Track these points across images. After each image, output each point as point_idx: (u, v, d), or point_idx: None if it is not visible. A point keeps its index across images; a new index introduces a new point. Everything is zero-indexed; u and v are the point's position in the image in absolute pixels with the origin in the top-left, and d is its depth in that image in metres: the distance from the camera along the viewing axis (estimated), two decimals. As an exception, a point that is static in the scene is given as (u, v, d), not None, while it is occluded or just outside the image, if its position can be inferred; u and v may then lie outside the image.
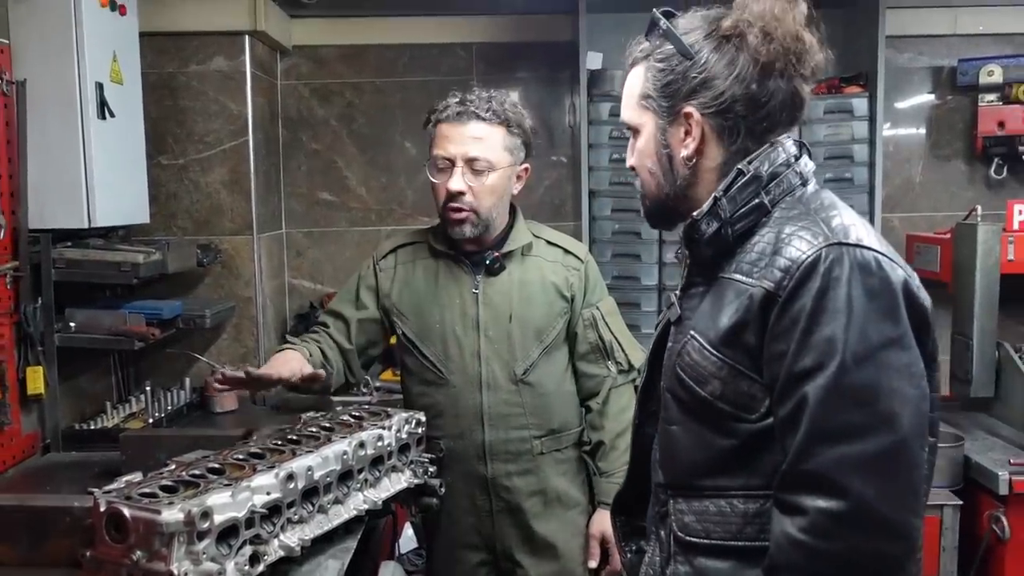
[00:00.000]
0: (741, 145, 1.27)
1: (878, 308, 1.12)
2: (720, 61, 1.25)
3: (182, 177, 3.25)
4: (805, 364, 1.12)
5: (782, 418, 1.16)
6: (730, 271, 1.24)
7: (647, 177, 1.37)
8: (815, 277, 1.13)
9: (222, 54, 3.22)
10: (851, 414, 1.10)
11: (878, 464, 1.09)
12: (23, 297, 2.50)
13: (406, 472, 1.99)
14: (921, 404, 1.13)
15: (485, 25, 3.63)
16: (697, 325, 1.27)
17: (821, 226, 1.18)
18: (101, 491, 1.50)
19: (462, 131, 2.01)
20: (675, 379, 1.30)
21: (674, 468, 1.33)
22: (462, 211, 2.02)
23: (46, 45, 2.52)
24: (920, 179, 3.78)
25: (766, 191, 1.25)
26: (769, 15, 1.23)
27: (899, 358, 1.11)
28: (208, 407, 3.13)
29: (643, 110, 1.34)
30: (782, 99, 1.26)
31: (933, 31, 3.69)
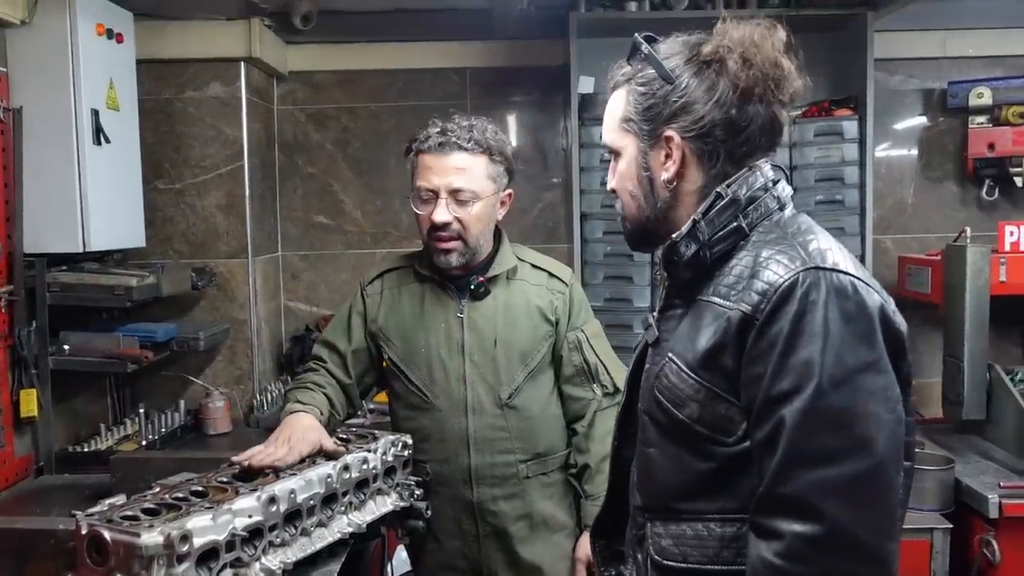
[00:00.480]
0: (721, 169, 1.29)
1: (854, 332, 1.13)
2: (700, 86, 1.27)
3: (178, 201, 3.29)
4: (782, 387, 1.13)
5: (759, 441, 1.16)
6: (708, 294, 1.26)
7: (628, 200, 1.38)
8: (792, 301, 1.14)
9: (218, 80, 3.26)
10: (828, 437, 1.10)
11: (854, 488, 1.10)
12: (18, 320, 2.53)
13: (392, 495, 2.01)
14: (897, 428, 1.13)
15: (478, 50, 3.67)
16: (675, 347, 1.28)
17: (798, 250, 1.19)
18: (83, 514, 1.52)
19: (445, 162, 2.02)
20: (653, 401, 1.30)
21: (651, 491, 1.33)
22: (449, 240, 2.04)
23: (43, 73, 2.57)
24: (912, 200, 3.80)
25: (744, 215, 1.26)
26: (748, 41, 1.26)
27: (875, 382, 1.12)
28: (202, 429, 3.15)
29: (624, 133, 1.35)
30: (761, 124, 1.28)
31: (923, 54, 3.73)
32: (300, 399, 2.06)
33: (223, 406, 3.15)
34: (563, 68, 3.50)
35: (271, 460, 1.78)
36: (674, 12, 3.26)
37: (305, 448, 1.85)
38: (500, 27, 3.48)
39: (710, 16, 3.18)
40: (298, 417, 1.98)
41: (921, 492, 2.64)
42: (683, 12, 3.25)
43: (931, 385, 3.47)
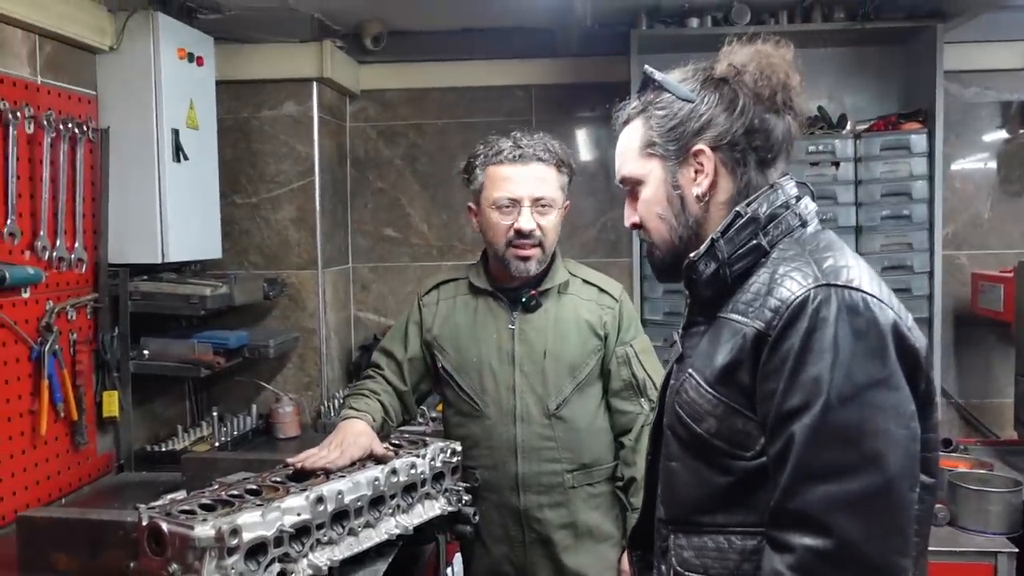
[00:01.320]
0: (750, 177, 1.32)
1: (865, 348, 1.13)
2: (722, 100, 1.31)
3: (254, 215, 3.45)
4: (792, 403, 1.14)
5: (772, 456, 1.18)
6: (727, 310, 1.28)
7: (657, 225, 1.40)
8: (803, 317, 1.15)
9: (292, 99, 3.41)
10: (836, 453, 1.11)
11: (863, 504, 1.10)
12: (102, 326, 2.71)
13: (440, 499, 2.07)
14: (910, 445, 1.13)
15: (543, 67, 3.74)
16: (695, 363, 1.31)
17: (812, 267, 1.20)
18: (145, 507, 1.63)
19: (525, 172, 2.10)
20: (674, 416, 1.33)
21: (674, 504, 1.35)
22: (531, 248, 2.11)
23: (128, 95, 2.75)
24: (989, 215, 3.68)
25: (764, 232, 1.28)
26: (761, 55, 1.30)
27: (886, 398, 1.13)
28: (272, 433, 3.29)
29: (647, 158, 1.38)
30: (782, 131, 1.31)
31: (999, 65, 3.62)
32: (354, 406, 2.15)
33: (292, 411, 3.28)
34: (625, 84, 3.53)
35: (323, 463, 1.87)
36: (736, 28, 3.26)
37: (356, 452, 1.93)
38: (564, 45, 3.54)
39: (773, 30, 3.19)
40: (351, 423, 2.06)
41: (986, 515, 2.56)
42: (745, 28, 3.24)
43: (1005, 405, 3.36)
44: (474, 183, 2.18)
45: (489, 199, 2.12)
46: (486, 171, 2.15)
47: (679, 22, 3.33)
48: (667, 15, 3.34)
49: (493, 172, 2.13)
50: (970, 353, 3.56)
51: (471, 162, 2.19)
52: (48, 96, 2.52)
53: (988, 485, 2.62)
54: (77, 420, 2.57)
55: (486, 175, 2.15)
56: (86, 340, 2.64)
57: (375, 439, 2.01)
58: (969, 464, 2.83)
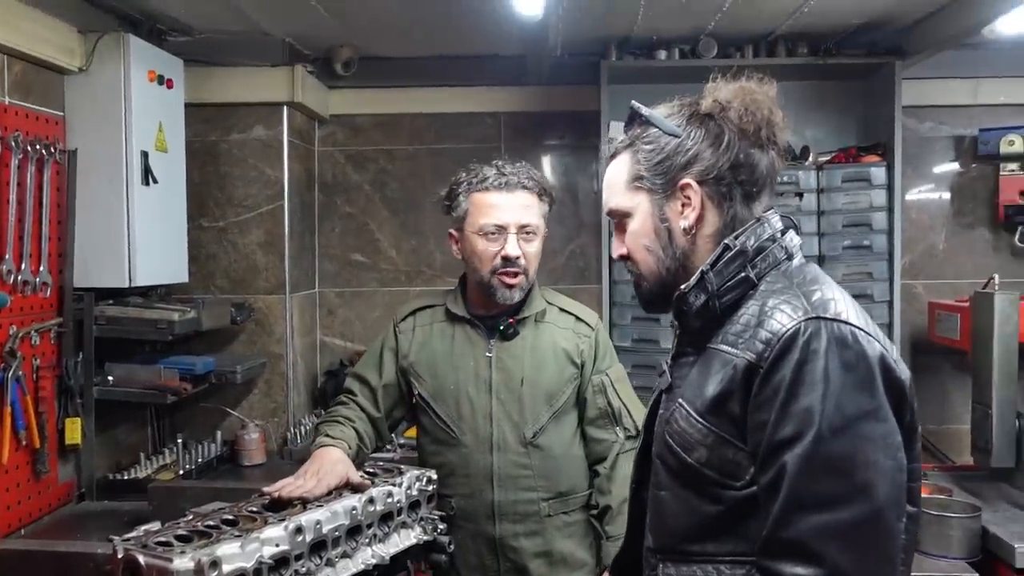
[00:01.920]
0: (735, 211, 1.35)
1: (854, 380, 1.16)
2: (707, 136, 1.34)
3: (221, 239, 3.42)
4: (784, 433, 1.16)
5: (763, 486, 1.20)
6: (717, 341, 1.30)
7: (644, 257, 1.42)
8: (794, 349, 1.18)
9: (262, 123, 3.40)
10: (827, 483, 1.13)
11: (854, 533, 1.12)
12: (65, 352, 2.65)
13: (416, 528, 2.05)
14: (897, 475, 1.16)
15: (513, 96, 3.78)
16: (685, 393, 1.32)
17: (801, 300, 1.23)
18: (120, 539, 1.59)
19: (511, 199, 2.12)
20: (664, 445, 1.34)
21: (662, 533, 1.36)
22: (516, 275, 2.12)
23: (97, 117, 2.72)
24: (944, 246, 3.80)
25: (752, 265, 1.31)
26: (745, 91, 1.33)
27: (875, 429, 1.15)
28: (237, 460, 3.24)
29: (635, 192, 1.40)
30: (766, 165, 1.35)
31: (954, 101, 3.75)
32: (330, 433, 2.12)
33: (258, 438, 3.24)
34: (594, 114, 3.59)
35: (300, 492, 1.84)
36: (703, 60, 3.34)
37: (333, 481, 1.91)
38: (534, 74, 3.58)
39: (739, 64, 3.29)
40: (327, 451, 2.04)
41: (947, 540, 2.62)
42: (712, 60, 3.32)
43: (962, 431, 3.45)
44: (457, 210, 2.19)
45: (475, 226, 2.13)
46: (470, 198, 2.15)
47: (648, 54, 3.40)
48: (636, 47, 3.40)
49: (479, 199, 2.14)
50: (927, 380, 3.65)
51: (453, 189, 2.20)
52: (16, 117, 2.47)
53: (948, 510, 2.69)
54: (39, 448, 2.51)
55: (470, 202, 2.15)
56: (49, 366, 2.58)
57: (351, 467, 1.99)
58: (928, 490, 2.89)
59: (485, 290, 2.15)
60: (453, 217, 2.20)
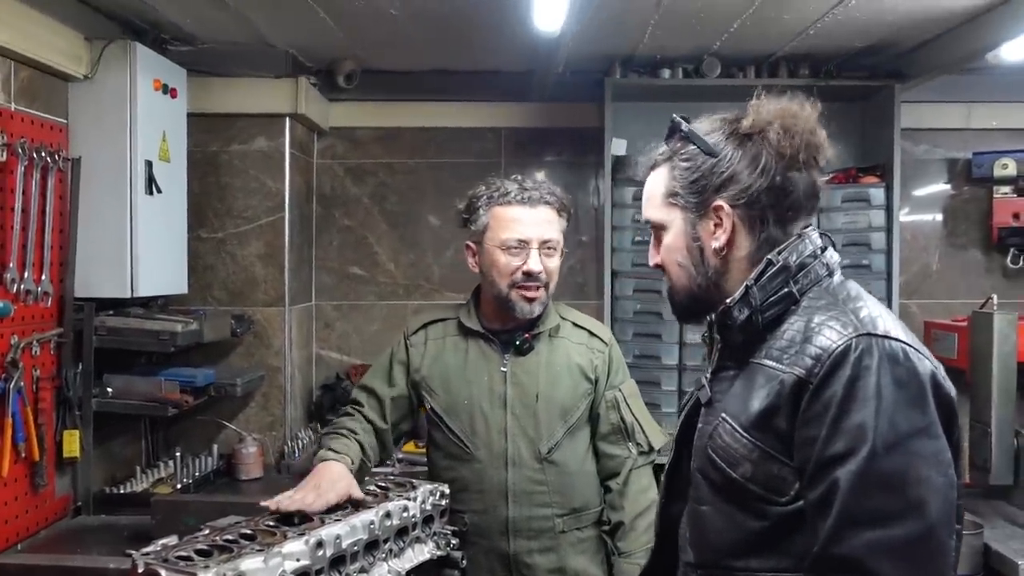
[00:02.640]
0: (769, 234, 1.34)
1: (906, 397, 1.16)
2: (745, 157, 1.33)
3: (220, 250, 3.38)
4: (836, 449, 1.16)
5: (812, 502, 1.19)
6: (761, 357, 1.30)
7: (676, 271, 1.43)
8: (846, 366, 1.17)
9: (264, 135, 3.38)
10: (881, 500, 1.13)
11: (907, 550, 1.12)
12: (64, 362, 2.60)
13: (429, 544, 2.03)
14: (949, 492, 1.16)
15: (514, 111, 3.79)
16: (728, 408, 1.32)
17: (850, 316, 1.23)
18: (139, 553, 1.56)
19: (534, 214, 2.12)
20: (707, 460, 1.34)
21: (704, 548, 1.35)
22: (537, 289, 2.12)
23: (102, 125, 2.69)
24: (937, 267, 3.85)
25: (794, 280, 1.31)
26: (787, 113, 1.33)
27: (927, 446, 1.15)
28: (234, 474, 3.19)
29: (670, 207, 1.41)
30: (804, 189, 1.34)
31: (948, 125, 3.81)
32: (333, 447, 2.09)
33: (256, 452, 3.20)
34: (595, 130, 3.61)
35: (298, 506, 1.81)
36: (706, 80, 3.37)
37: (333, 497, 1.87)
38: (537, 90, 3.59)
39: (741, 84, 3.33)
40: (329, 465, 2.00)
41: (951, 558, 2.63)
42: (715, 80, 3.35)
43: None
44: (476, 223, 2.17)
45: (496, 240, 2.12)
46: (491, 211, 2.14)
47: (651, 72, 3.42)
48: (640, 65, 3.43)
49: (500, 213, 2.13)
50: (922, 399, 3.66)
51: (473, 202, 2.19)
52: (21, 124, 2.44)
53: (951, 528, 2.70)
54: (38, 461, 2.45)
55: (491, 215, 2.14)
56: (49, 376, 2.54)
57: (354, 484, 1.95)
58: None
59: (503, 304, 2.14)
60: (471, 230, 2.19)
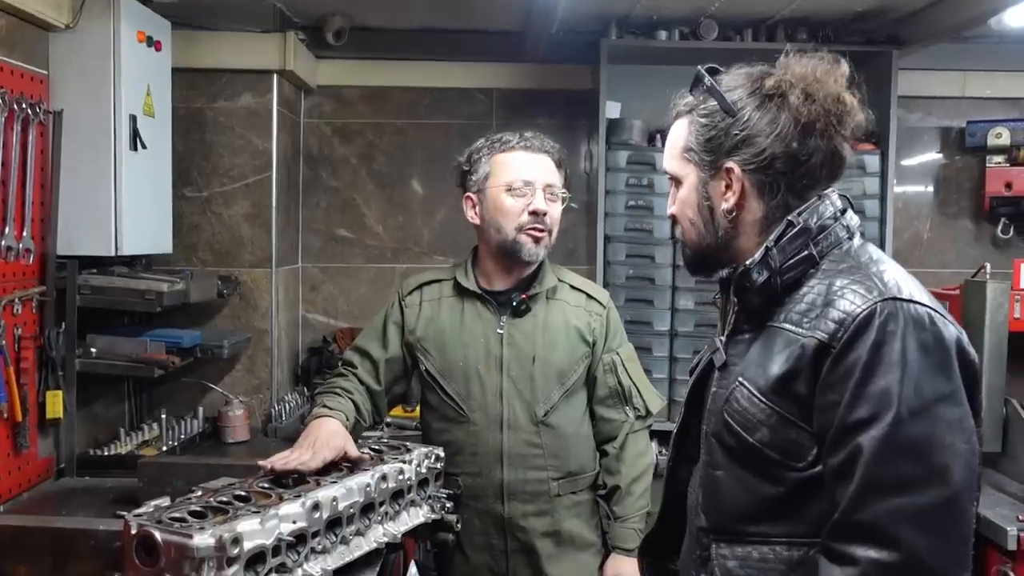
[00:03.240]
0: (781, 200, 1.31)
1: (932, 363, 1.14)
2: (762, 119, 1.29)
3: (205, 209, 3.31)
4: (859, 415, 1.14)
5: (833, 468, 1.17)
6: (779, 320, 1.27)
7: (688, 227, 1.40)
8: (870, 330, 1.15)
9: (250, 91, 3.29)
10: (905, 466, 1.12)
11: (930, 517, 1.11)
12: (47, 322, 2.53)
13: (424, 507, 2.01)
14: (972, 459, 1.15)
15: (506, 71, 3.71)
16: (745, 372, 1.29)
17: (874, 280, 1.21)
18: (132, 514, 1.52)
19: (537, 159, 2.11)
20: (722, 425, 1.31)
21: (718, 513, 1.33)
22: (543, 230, 2.09)
23: (84, 77, 2.59)
24: (928, 235, 3.84)
25: (815, 243, 1.28)
26: (811, 76, 1.28)
27: (951, 413, 1.14)
28: (220, 437, 3.15)
29: (685, 162, 1.38)
30: (822, 157, 1.29)
31: (943, 93, 3.79)
32: (327, 404, 2.07)
33: (242, 414, 3.15)
34: (588, 93, 3.55)
35: (296, 463, 1.79)
36: (703, 43, 3.31)
37: (329, 453, 1.85)
38: (529, 50, 3.52)
39: (738, 48, 3.28)
40: (324, 422, 1.99)
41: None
42: (712, 43, 3.30)
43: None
44: (476, 173, 2.14)
45: (500, 183, 2.10)
46: (492, 159, 2.13)
47: (648, 33, 3.36)
48: (636, 26, 3.36)
49: (502, 159, 2.12)
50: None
51: (473, 154, 2.16)
52: (0, 73, 2.35)
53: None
54: (20, 422, 2.40)
55: (492, 163, 2.12)
56: (32, 336, 2.47)
57: (349, 440, 1.94)
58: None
59: (508, 251, 2.10)
60: (471, 181, 2.15)
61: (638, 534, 2.15)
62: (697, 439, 1.40)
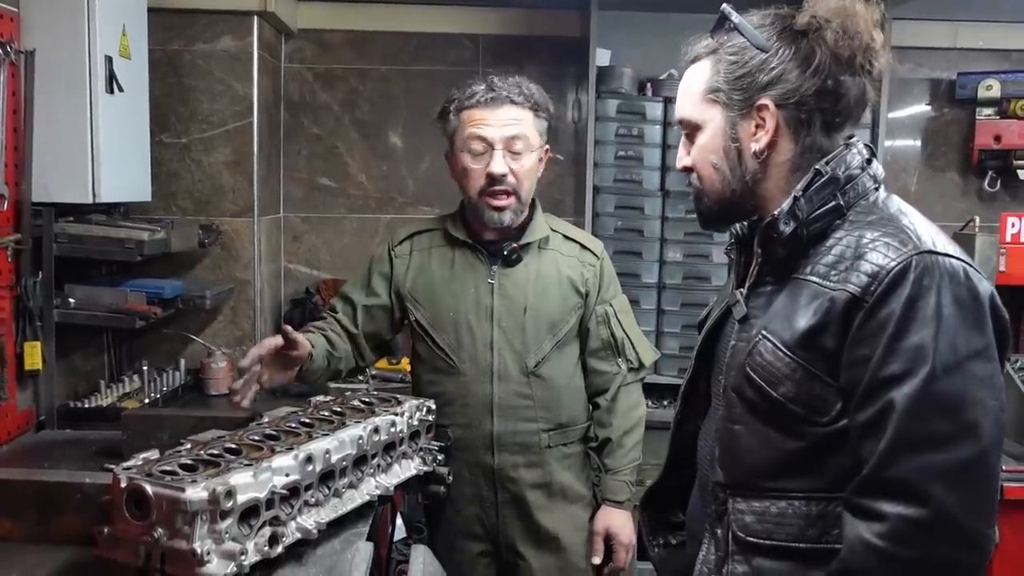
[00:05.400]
0: (814, 140, 1.27)
1: (966, 318, 1.13)
2: (797, 55, 1.25)
3: (184, 156, 3.22)
4: (892, 370, 1.13)
5: (862, 423, 1.16)
6: (805, 272, 1.24)
7: (710, 173, 1.36)
8: (905, 284, 1.13)
9: (229, 34, 3.18)
10: (937, 423, 1.11)
11: (961, 473, 1.11)
12: (23, 271, 2.46)
13: (415, 459, 1.99)
14: (1000, 415, 1.14)
15: (493, 17, 3.61)
16: (769, 325, 1.27)
17: (908, 233, 1.18)
18: (121, 467, 1.48)
19: (498, 114, 2.02)
20: (744, 379, 1.29)
21: (736, 468, 1.32)
22: (504, 196, 2.03)
23: (56, 15, 2.48)
24: (915, 189, 3.82)
25: (842, 193, 1.25)
26: (847, 12, 1.24)
27: (983, 369, 1.13)
28: (203, 389, 3.11)
29: (709, 104, 1.33)
30: (856, 95, 1.27)
31: (934, 44, 3.74)
32: None
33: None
34: (577, 40, 3.47)
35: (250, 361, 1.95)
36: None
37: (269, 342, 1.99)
38: (518, -6, 3.43)
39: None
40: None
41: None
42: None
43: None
44: (448, 128, 2.10)
45: (462, 144, 2.04)
46: (459, 116, 2.06)
47: (640, -22, 3.28)
48: (627, -29, 3.28)
49: (466, 116, 2.05)
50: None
51: (446, 107, 2.10)
52: (-32, 10, 2.24)
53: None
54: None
55: (459, 119, 2.06)
56: (8, 285, 2.39)
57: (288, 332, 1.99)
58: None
59: (475, 213, 2.07)
60: (447, 136, 2.10)
61: (629, 487, 2.15)
62: (706, 393, 1.38)
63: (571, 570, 2.15)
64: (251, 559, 1.46)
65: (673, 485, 1.49)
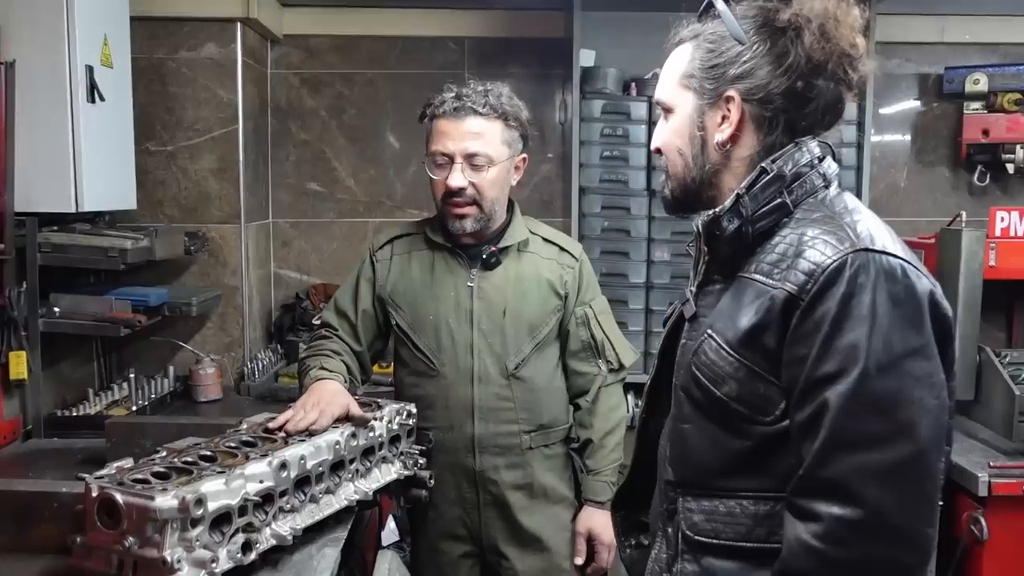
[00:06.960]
0: (777, 139, 1.26)
1: (902, 316, 1.11)
2: (772, 51, 1.24)
3: (170, 164, 3.22)
4: (827, 370, 1.11)
5: (800, 423, 1.15)
6: (750, 271, 1.23)
7: (675, 158, 1.35)
8: (840, 282, 1.12)
9: (213, 41, 3.19)
10: (871, 423, 1.10)
11: (896, 474, 1.09)
12: (7, 281, 2.46)
13: (396, 463, 1.99)
14: (940, 415, 1.13)
15: (478, 19, 3.61)
16: (715, 324, 1.26)
17: (847, 231, 1.17)
18: (93, 476, 1.49)
19: (460, 127, 2.00)
20: (690, 378, 1.28)
21: (684, 466, 1.31)
22: (463, 206, 2.03)
23: (37, 25, 2.48)
24: (905, 184, 3.82)
25: (788, 191, 1.24)
26: (829, 15, 1.22)
27: (921, 367, 1.11)
28: (192, 396, 3.11)
29: (683, 89, 1.32)
30: (826, 101, 1.25)
31: (921, 39, 3.73)
32: (325, 366, 2.04)
33: (214, 373, 3.11)
34: (561, 41, 3.47)
35: (306, 424, 1.78)
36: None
37: (336, 411, 1.84)
38: (502, -4, 3.43)
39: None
40: (325, 383, 1.96)
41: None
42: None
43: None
44: (425, 134, 2.10)
45: (428, 153, 2.05)
46: (432, 124, 2.07)
47: (622, -22, 3.28)
48: (610, -29, 3.28)
49: (434, 126, 2.06)
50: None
51: (423, 112, 2.11)
52: (-54, 22, 2.25)
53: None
54: (-17, 383, 2.35)
55: (431, 127, 2.07)
56: (-9, 295, 2.40)
57: (352, 399, 1.92)
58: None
59: (441, 218, 2.08)
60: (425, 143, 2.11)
61: (611, 487, 2.14)
62: (669, 392, 1.37)
63: (554, 571, 2.15)
64: (223, 566, 1.47)
65: (640, 485, 1.49)
